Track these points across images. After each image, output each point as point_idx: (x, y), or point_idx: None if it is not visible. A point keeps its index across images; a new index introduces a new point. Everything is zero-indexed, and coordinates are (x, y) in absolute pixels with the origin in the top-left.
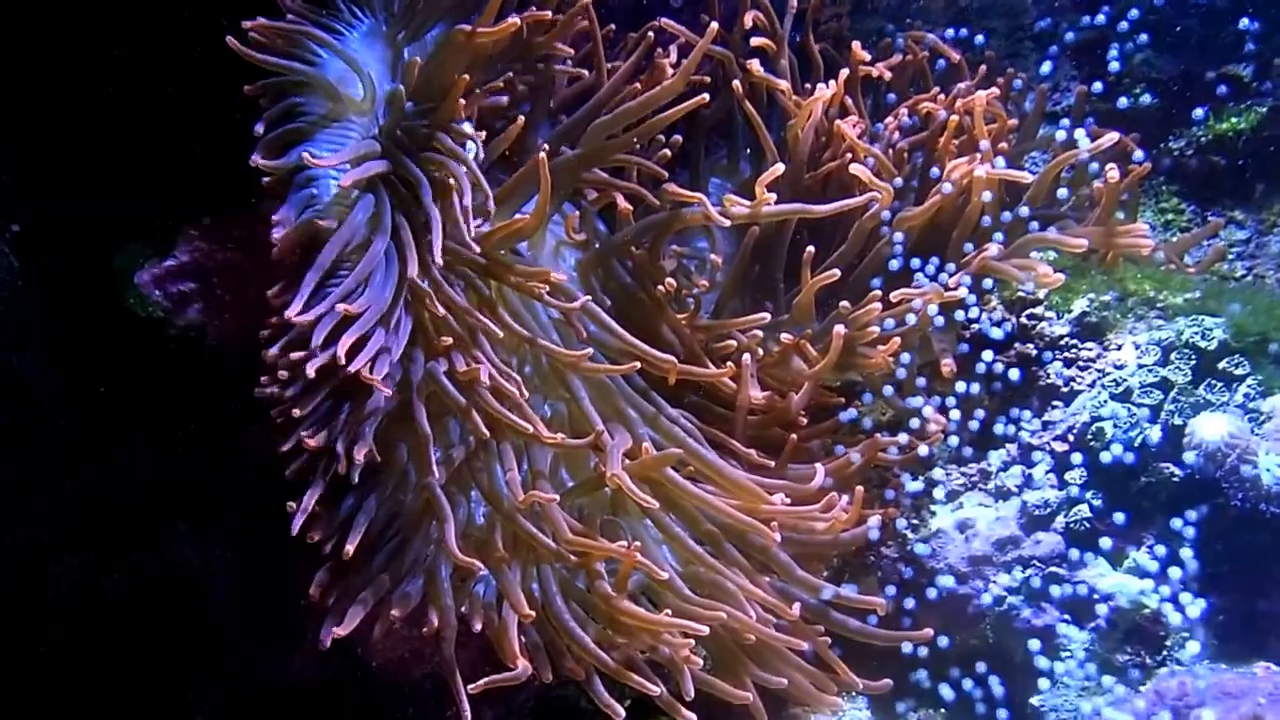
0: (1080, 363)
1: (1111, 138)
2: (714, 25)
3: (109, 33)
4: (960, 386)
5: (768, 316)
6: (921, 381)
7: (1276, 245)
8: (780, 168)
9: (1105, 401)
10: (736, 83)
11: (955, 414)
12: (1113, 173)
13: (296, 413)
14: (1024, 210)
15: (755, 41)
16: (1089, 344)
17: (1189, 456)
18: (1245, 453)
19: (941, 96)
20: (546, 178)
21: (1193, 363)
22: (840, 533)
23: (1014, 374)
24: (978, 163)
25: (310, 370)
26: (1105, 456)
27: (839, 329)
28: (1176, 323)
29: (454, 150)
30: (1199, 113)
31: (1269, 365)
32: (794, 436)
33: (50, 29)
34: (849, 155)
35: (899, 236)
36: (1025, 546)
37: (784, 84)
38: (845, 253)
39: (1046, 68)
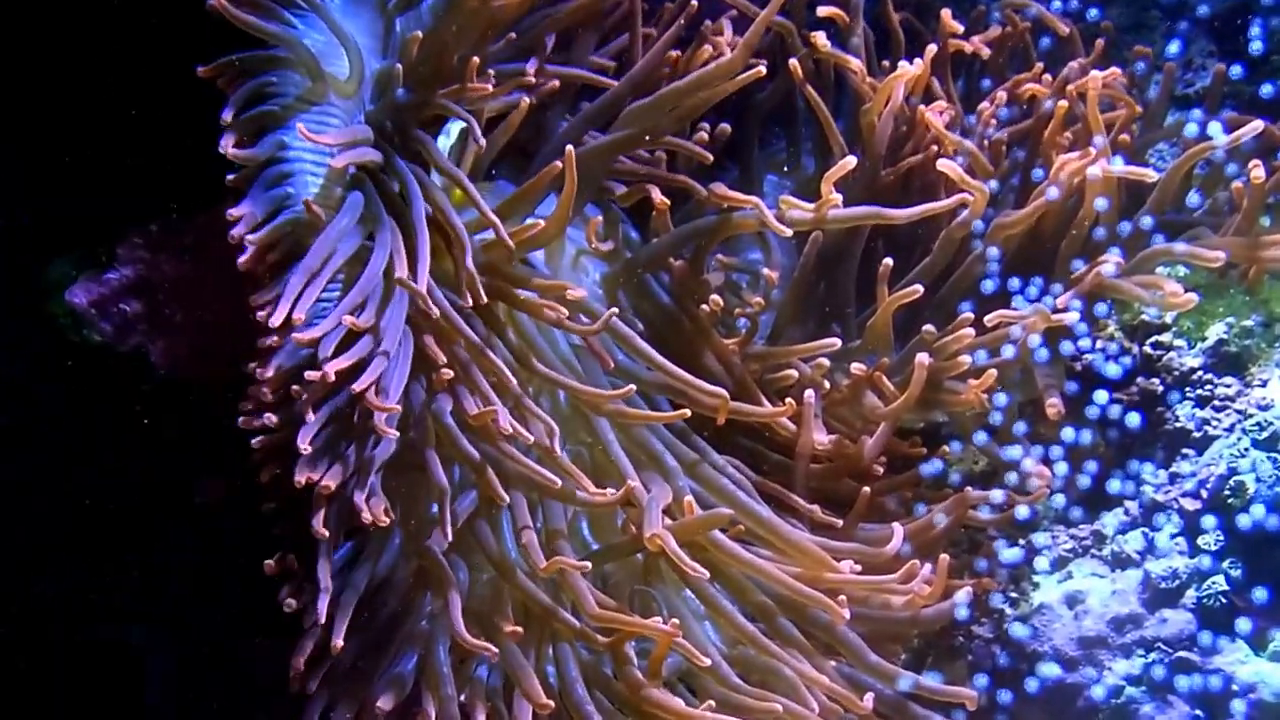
0: (1216, 402)
1: (1255, 127)
2: None
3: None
4: (1069, 432)
5: (837, 342)
6: (1022, 426)
7: None
8: (851, 161)
9: (1247, 450)
10: (795, 61)
11: (1063, 465)
12: (1257, 171)
13: (305, 447)
14: (1147, 219)
15: (822, 10)
16: (1227, 379)
17: None
18: None
19: (1048, 78)
20: (573, 173)
21: None
22: (921, 609)
23: (1134, 416)
24: (1092, 159)
25: (307, 409)
26: (1246, 518)
27: (922, 359)
28: None
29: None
30: None
31: None
32: (866, 490)
33: None
34: (935, 149)
35: (995, 249)
36: (1148, 626)
37: (856, 62)
38: (930, 267)
39: (1174, 47)
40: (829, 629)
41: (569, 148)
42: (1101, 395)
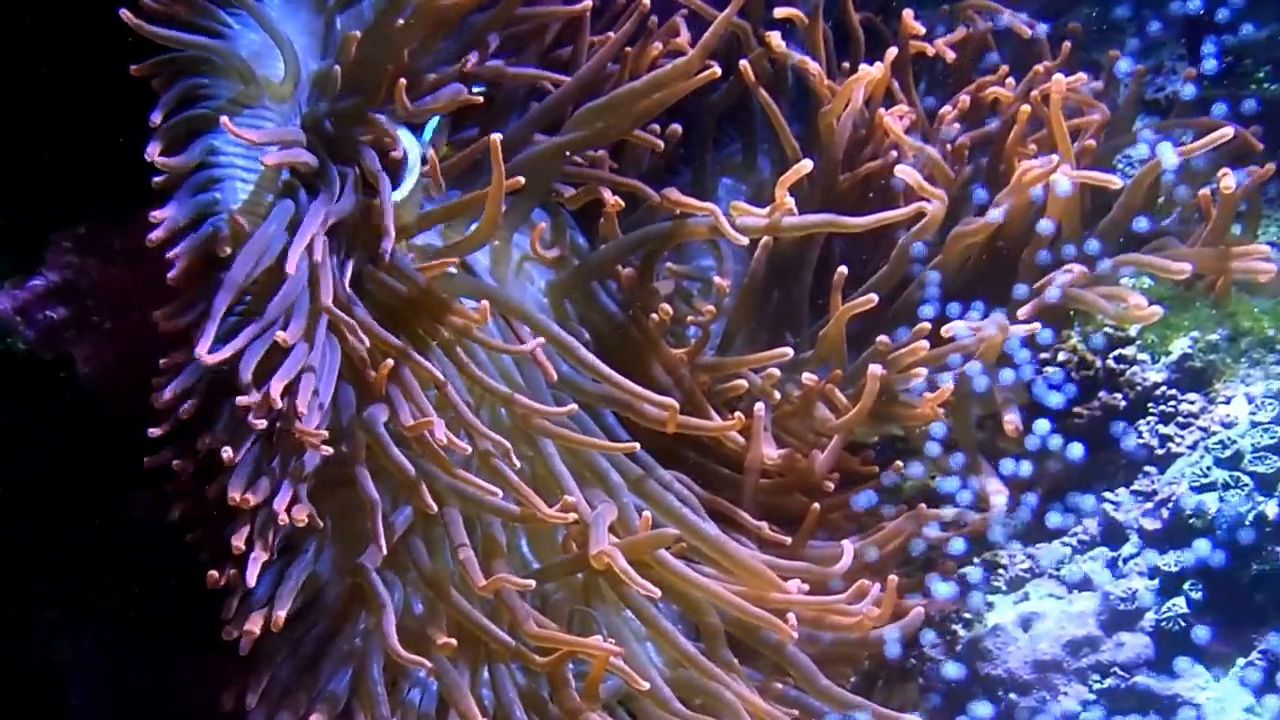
0: (1180, 419)
1: (1223, 134)
2: None
3: None
4: (1029, 446)
5: (788, 352)
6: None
7: None
8: (807, 165)
9: (1209, 469)
10: (745, 63)
11: (1022, 483)
12: (1227, 180)
13: (227, 456)
14: (1107, 224)
15: (780, 12)
16: (1191, 395)
17: None
18: None
19: (1011, 82)
20: (500, 164)
21: None
22: (871, 630)
23: (1096, 432)
24: (1055, 165)
25: (254, 421)
26: (1206, 540)
27: (875, 370)
28: None
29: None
30: None
31: None
32: (816, 506)
33: None
34: (894, 154)
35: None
36: (1105, 650)
37: (813, 64)
38: (886, 276)
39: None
40: (778, 650)
41: (494, 136)
42: (1063, 408)
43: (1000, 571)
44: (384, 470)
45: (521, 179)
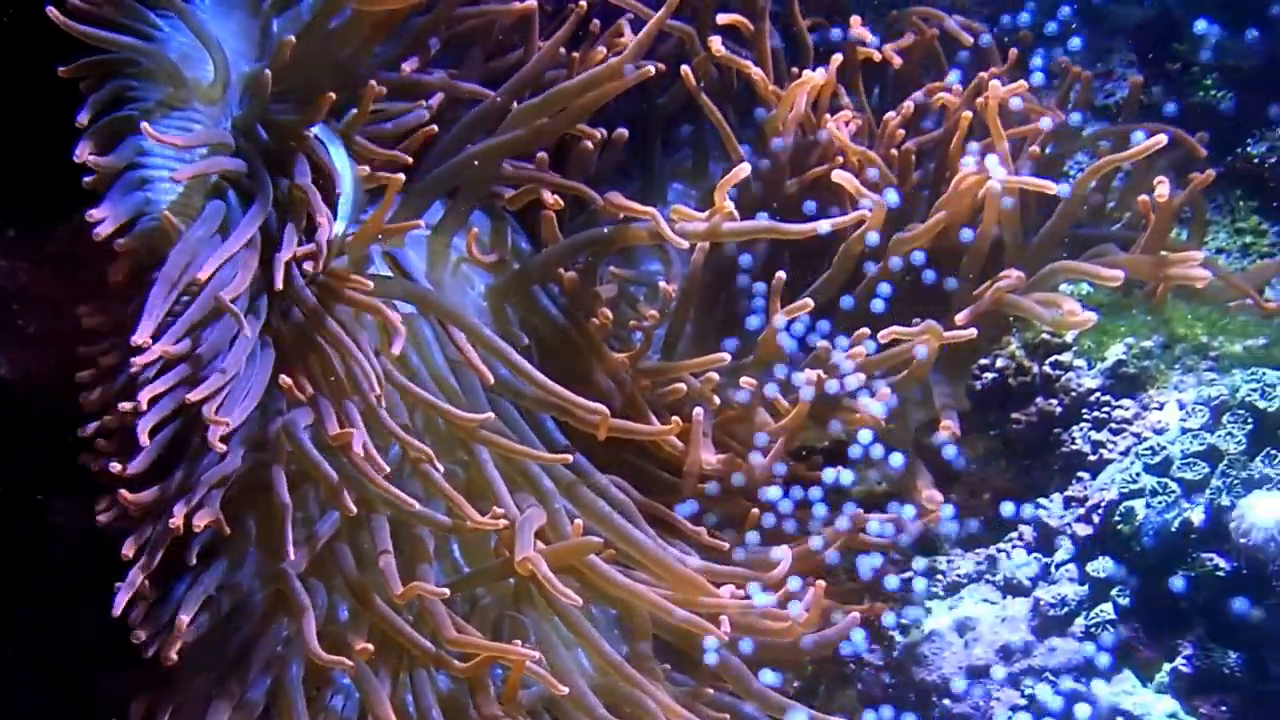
0: (1113, 424)
1: (1157, 141)
2: None
3: None
4: (968, 450)
5: (726, 357)
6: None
7: None
8: (745, 169)
9: (1138, 474)
10: (687, 68)
11: (959, 488)
12: (1161, 189)
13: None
14: (1047, 230)
15: (723, 18)
16: (1125, 401)
17: (1238, 545)
18: None
19: (958, 87)
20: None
21: (1249, 428)
22: (802, 635)
23: (1033, 438)
24: (993, 170)
25: (143, 429)
26: (1136, 545)
27: (810, 374)
28: (1232, 376)
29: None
30: None
31: None
32: (755, 511)
33: None
34: (840, 159)
35: (895, 262)
36: (1037, 655)
37: (756, 70)
38: (829, 281)
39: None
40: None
41: (397, 176)
42: (1001, 413)
43: (938, 577)
44: (307, 475)
45: (402, 176)
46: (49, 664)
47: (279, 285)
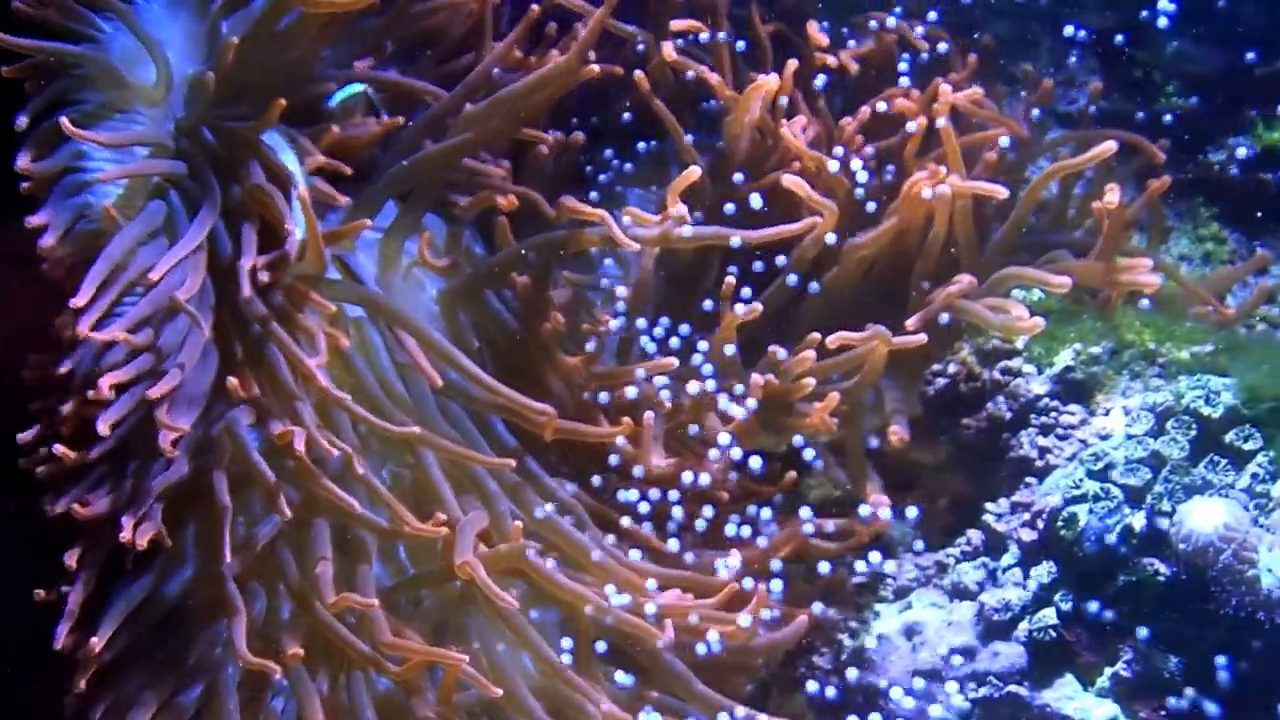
0: (1059, 430)
1: (1106, 148)
2: None
3: None
4: (918, 457)
5: (673, 363)
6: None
7: None
8: (695, 171)
9: (1082, 480)
10: (641, 74)
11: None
12: (1110, 197)
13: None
14: (1000, 236)
15: (677, 24)
16: (1072, 407)
17: (1178, 551)
18: (1243, 548)
19: (916, 94)
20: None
21: (1192, 434)
22: (743, 640)
23: (984, 443)
24: (944, 176)
25: (103, 426)
26: (1078, 550)
27: (758, 379)
28: (1177, 383)
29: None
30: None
31: None
32: (703, 514)
33: None
34: (797, 164)
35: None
36: (981, 659)
37: (713, 75)
38: (781, 287)
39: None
40: (654, 657)
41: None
42: (951, 418)
43: (888, 581)
44: (247, 477)
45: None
46: None
47: (246, 292)
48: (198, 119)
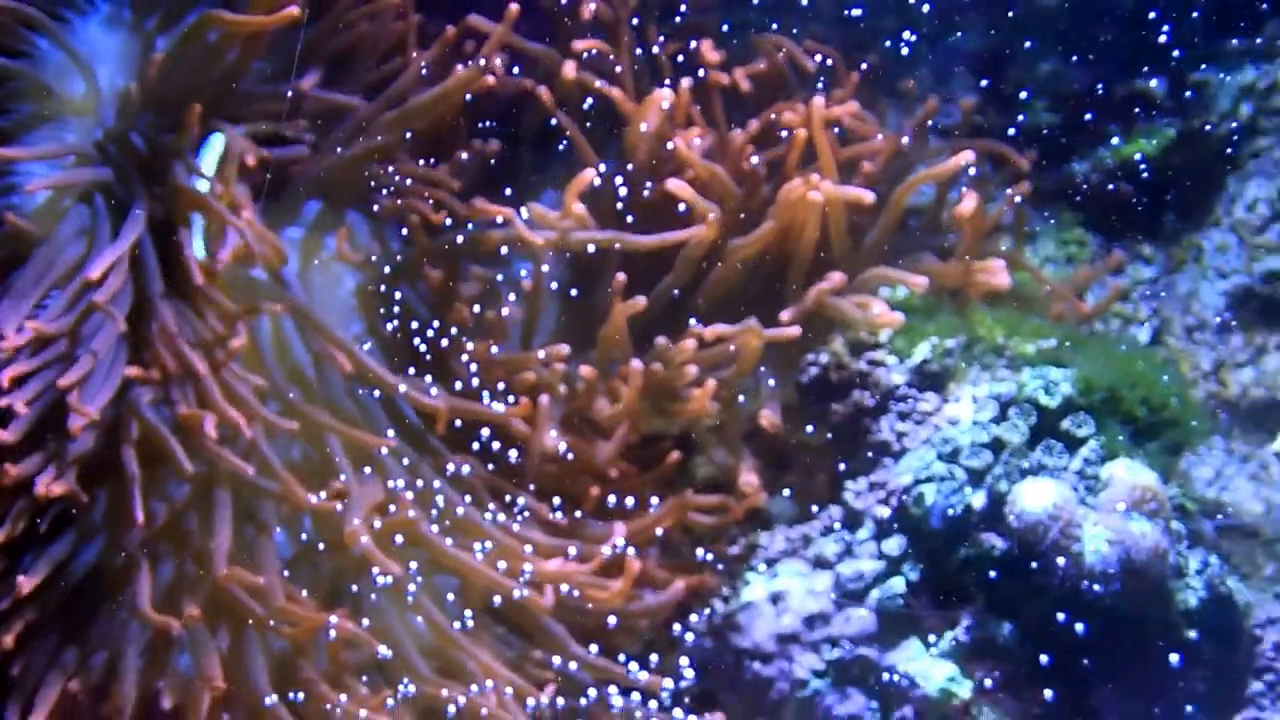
0: (915, 416)
1: (964, 157)
2: (512, 7)
3: None
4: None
5: (565, 350)
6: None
7: (1185, 285)
8: (590, 174)
9: (931, 462)
10: (544, 89)
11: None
12: (968, 202)
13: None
14: (872, 238)
15: (579, 44)
16: (927, 395)
17: (1012, 527)
18: (1069, 525)
19: (801, 107)
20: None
21: (1032, 420)
22: (620, 604)
23: (848, 427)
24: (817, 183)
25: (18, 403)
26: (925, 526)
27: (635, 365)
28: (1021, 374)
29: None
30: (1107, 132)
31: (1115, 426)
32: (594, 490)
33: None
34: (690, 172)
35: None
36: (835, 624)
37: (615, 90)
38: (671, 283)
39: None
40: (535, 620)
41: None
42: (821, 405)
43: (759, 551)
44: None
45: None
46: None
47: (198, 279)
48: (125, 129)
